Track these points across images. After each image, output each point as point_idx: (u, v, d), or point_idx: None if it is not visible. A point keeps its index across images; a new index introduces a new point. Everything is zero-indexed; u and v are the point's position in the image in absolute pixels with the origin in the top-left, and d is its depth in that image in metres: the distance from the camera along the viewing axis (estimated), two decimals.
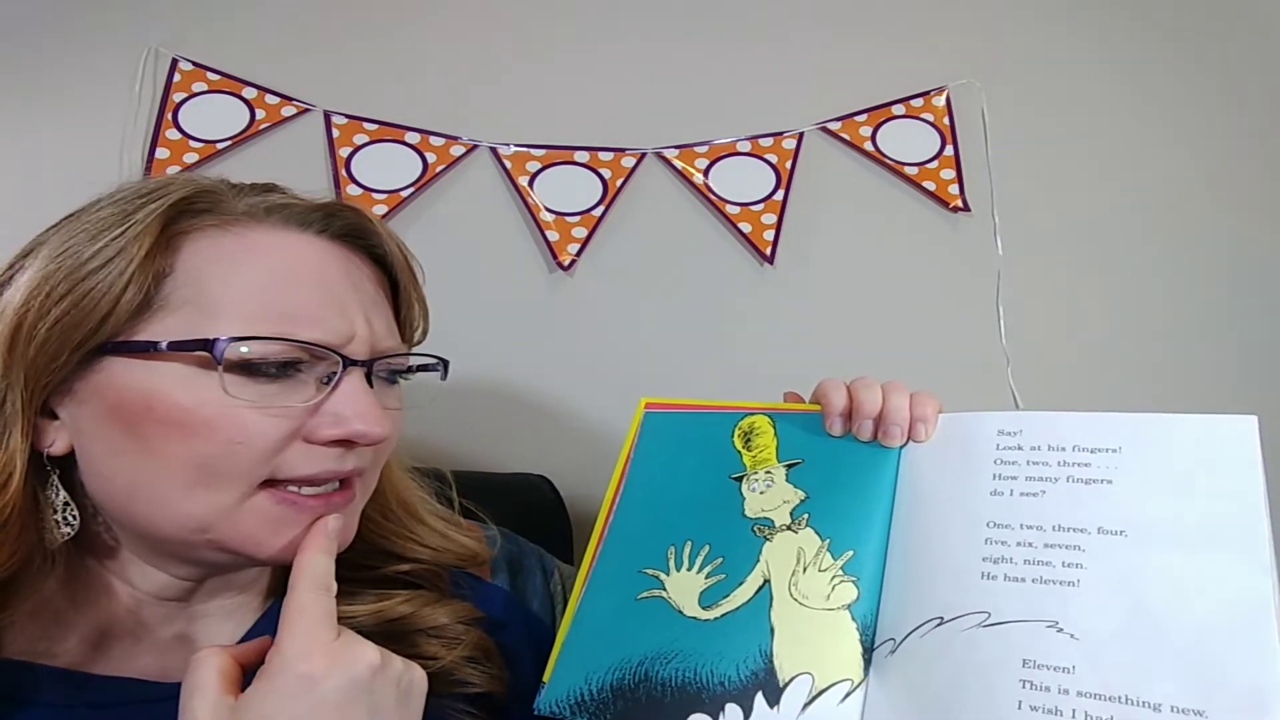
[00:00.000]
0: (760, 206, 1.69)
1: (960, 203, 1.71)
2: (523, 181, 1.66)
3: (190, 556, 0.75)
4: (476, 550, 0.94)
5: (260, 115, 1.62)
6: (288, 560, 0.73)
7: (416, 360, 0.84)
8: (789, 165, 1.72)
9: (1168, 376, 1.71)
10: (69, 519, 0.72)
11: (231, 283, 0.71)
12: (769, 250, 1.67)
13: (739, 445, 0.93)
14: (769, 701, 0.74)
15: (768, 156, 1.72)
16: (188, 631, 0.79)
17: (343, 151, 1.63)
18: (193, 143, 1.58)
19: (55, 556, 0.72)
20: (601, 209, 1.66)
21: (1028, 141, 1.77)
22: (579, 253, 1.64)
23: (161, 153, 1.57)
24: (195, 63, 1.63)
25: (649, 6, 1.77)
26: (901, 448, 0.86)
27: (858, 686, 0.75)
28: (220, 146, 1.59)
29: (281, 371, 0.71)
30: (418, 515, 0.91)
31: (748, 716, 0.74)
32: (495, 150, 1.67)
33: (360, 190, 1.60)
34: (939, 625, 0.74)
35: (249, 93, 1.64)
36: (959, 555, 0.77)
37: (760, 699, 0.75)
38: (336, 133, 1.63)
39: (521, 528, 1.09)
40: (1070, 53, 1.82)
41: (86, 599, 0.76)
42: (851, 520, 0.83)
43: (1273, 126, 1.80)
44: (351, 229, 0.80)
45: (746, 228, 1.68)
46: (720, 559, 0.84)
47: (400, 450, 0.91)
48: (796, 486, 0.87)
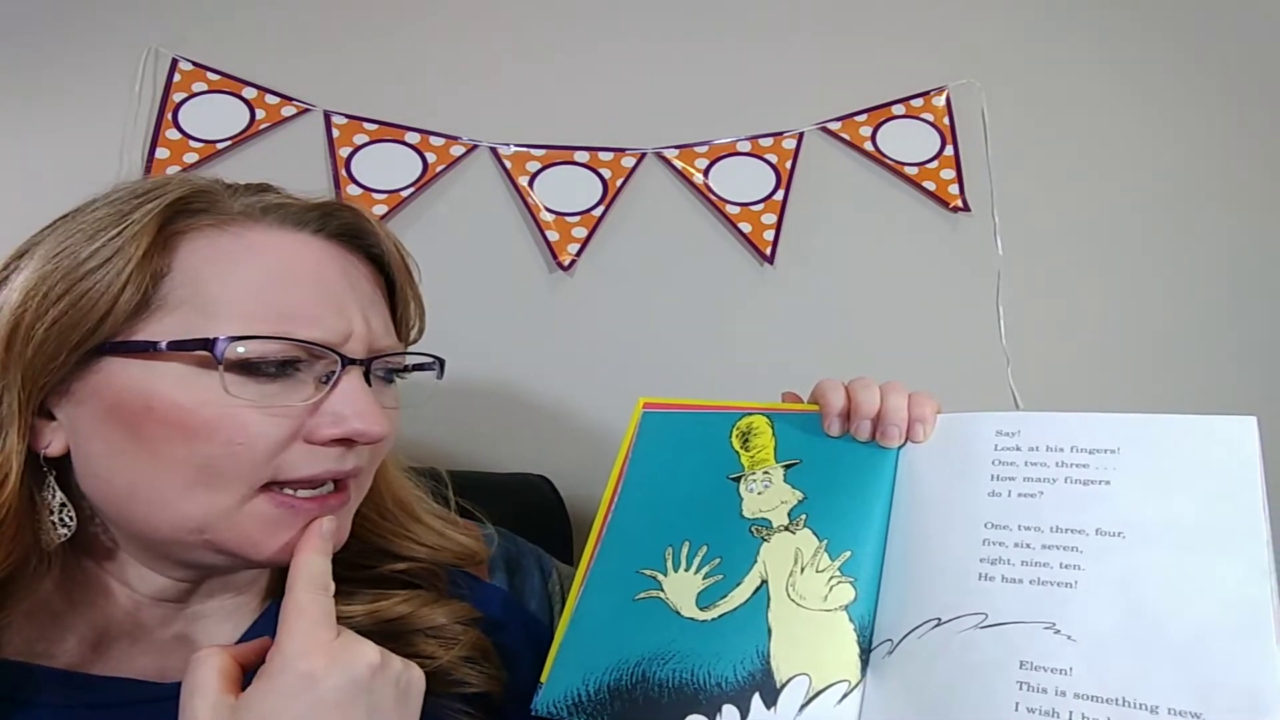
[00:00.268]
0: (760, 206, 1.69)
1: (960, 203, 1.71)
2: (523, 181, 1.66)
3: (186, 558, 0.75)
4: (474, 549, 0.94)
5: (260, 115, 1.62)
6: (283, 562, 0.73)
7: (413, 359, 0.84)
8: (789, 165, 1.72)
9: (1167, 376, 1.71)
10: (66, 520, 0.72)
11: (229, 282, 0.71)
12: (769, 250, 1.67)
13: (737, 445, 0.92)
14: (766, 702, 0.74)
15: (768, 156, 1.72)
16: (186, 632, 0.79)
17: (343, 151, 1.63)
18: (193, 143, 1.58)
19: (51, 558, 0.72)
20: (601, 209, 1.66)
21: (1028, 141, 1.77)
22: (579, 253, 1.64)
23: (161, 153, 1.57)
24: (195, 63, 1.63)
25: (649, 6, 1.77)
26: (899, 448, 0.86)
27: (855, 687, 0.75)
28: (220, 146, 1.59)
29: (280, 371, 0.71)
30: (414, 514, 0.91)
31: (745, 717, 0.74)
32: (495, 150, 1.67)
33: (360, 190, 1.60)
34: (936, 626, 0.73)
35: (249, 93, 1.64)
36: (956, 556, 0.76)
37: (757, 700, 0.75)
38: (336, 133, 1.63)
39: (521, 528, 1.09)
40: (1070, 53, 1.82)
41: (84, 600, 0.76)
42: (849, 521, 0.83)
43: (1272, 126, 1.80)
44: (348, 228, 0.80)
45: (746, 228, 1.68)
46: (718, 559, 0.84)
47: (399, 450, 0.91)
48: (794, 487, 0.87)
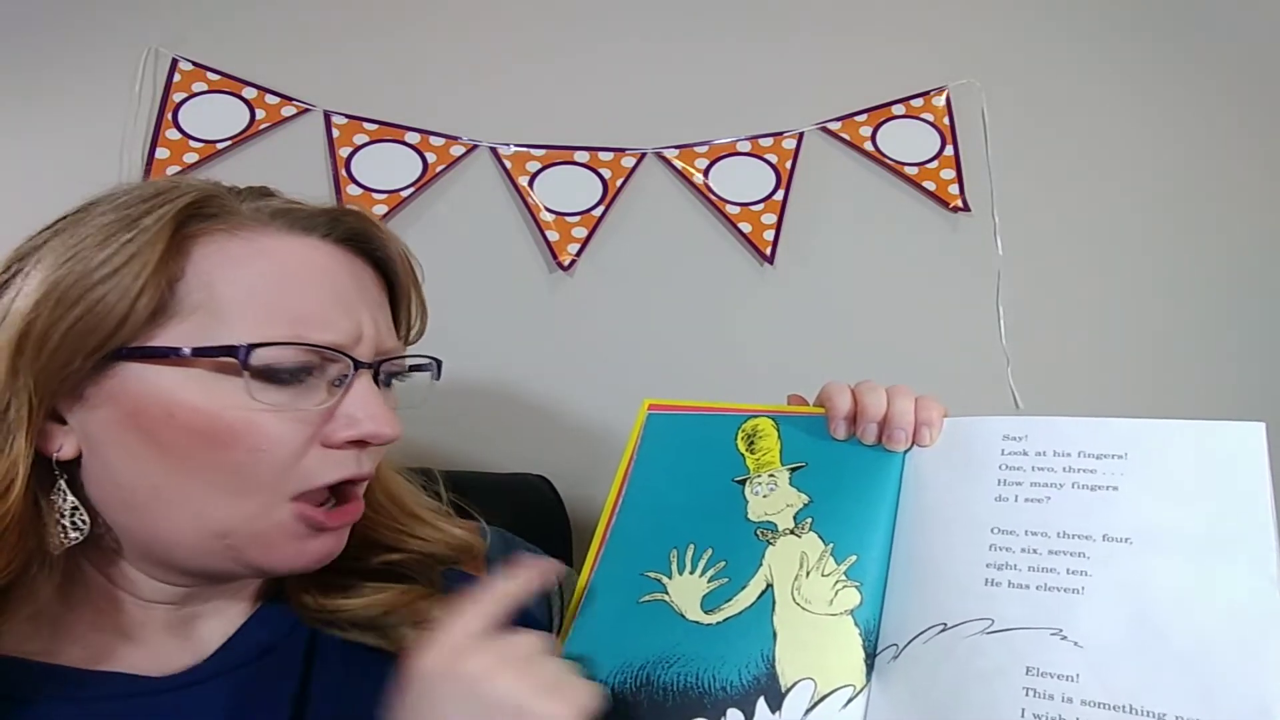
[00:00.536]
0: (760, 206, 1.69)
1: (960, 203, 1.72)
2: (523, 181, 1.66)
3: (198, 565, 0.75)
4: (470, 542, 0.94)
5: (260, 115, 1.62)
6: (297, 569, 0.76)
7: (411, 360, 0.85)
8: (789, 165, 1.72)
9: (1167, 376, 1.71)
10: (79, 524, 0.72)
11: (243, 286, 0.72)
12: (769, 250, 1.67)
13: (742, 448, 0.92)
14: (771, 707, 0.74)
15: (768, 156, 1.72)
16: (181, 629, 0.79)
17: (343, 151, 1.62)
18: (193, 143, 1.58)
19: (54, 563, 0.71)
20: (601, 209, 1.66)
21: (1028, 141, 1.78)
22: (579, 253, 1.64)
23: (161, 153, 1.57)
24: (195, 63, 1.63)
25: (649, 6, 1.77)
26: (905, 452, 0.86)
27: (860, 692, 0.74)
28: (220, 146, 1.59)
29: (294, 376, 0.72)
30: (407, 508, 0.91)
31: None
32: (495, 150, 1.67)
33: (360, 190, 1.60)
34: (942, 631, 0.73)
35: (249, 93, 1.63)
36: (963, 561, 0.76)
37: (762, 704, 0.74)
38: (336, 133, 1.63)
39: (521, 528, 1.09)
40: (1070, 53, 1.82)
41: (83, 602, 0.76)
42: (855, 525, 0.82)
43: (1272, 126, 1.80)
44: (354, 233, 0.81)
45: (746, 228, 1.68)
46: (723, 563, 0.84)
47: (397, 450, 0.91)
48: (800, 490, 0.86)
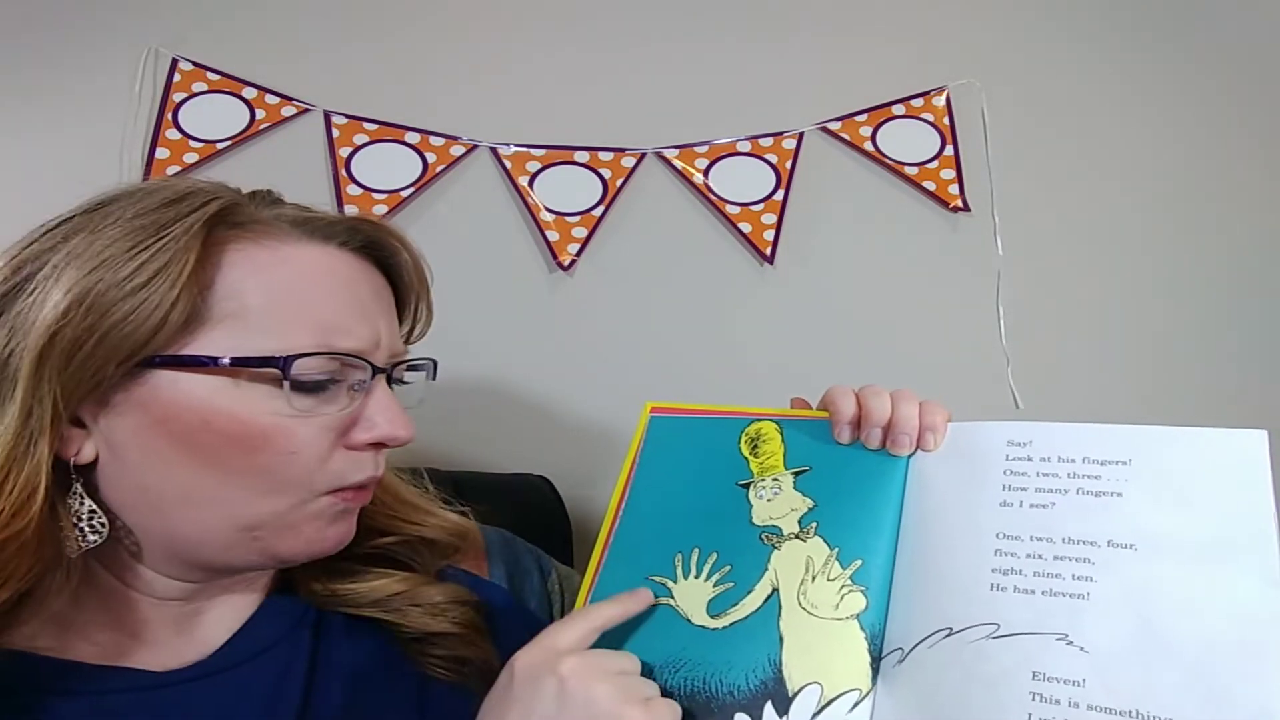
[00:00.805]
0: (760, 206, 1.69)
1: (960, 203, 1.72)
2: (523, 181, 1.66)
3: (219, 559, 0.77)
4: (464, 525, 0.95)
5: (260, 115, 1.62)
6: (315, 555, 0.79)
7: (410, 361, 0.87)
8: (789, 165, 1.72)
9: (1167, 376, 1.71)
10: (97, 527, 0.72)
11: (271, 295, 0.73)
12: (769, 250, 1.67)
13: (746, 451, 0.92)
14: (779, 711, 0.74)
15: (768, 156, 1.72)
16: (187, 625, 0.80)
17: (343, 151, 1.62)
18: (193, 143, 1.58)
19: (71, 565, 0.72)
20: (601, 209, 1.66)
21: (1028, 141, 1.78)
22: (579, 253, 1.64)
23: (161, 153, 1.56)
24: (195, 63, 1.62)
25: (649, 6, 1.77)
26: (909, 457, 0.86)
27: (866, 696, 0.75)
28: (220, 146, 1.59)
29: (321, 384, 0.74)
30: (399, 495, 0.93)
31: None
32: (495, 150, 1.67)
33: (360, 190, 1.60)
34: (948, 636, 0.73)
35: (249, 93, 1.63)
36: (968, 566, 0.76)
37: (769, 708, 0.75)
38: (336, 133, 1.63)
39: (521, 528, 1.09)
40: (1070, 53, 1.82)
41: (92, 602, 0.76)
42: (860, 529, 0.82)
43: (1272, 126, 1.81)
44: (370, 242, 0.83)
45: (746, 228, 1.68)
46: (728, 567, 0.84)
47: (399, 449, 0.92)
48: (804, 494, 0.86)
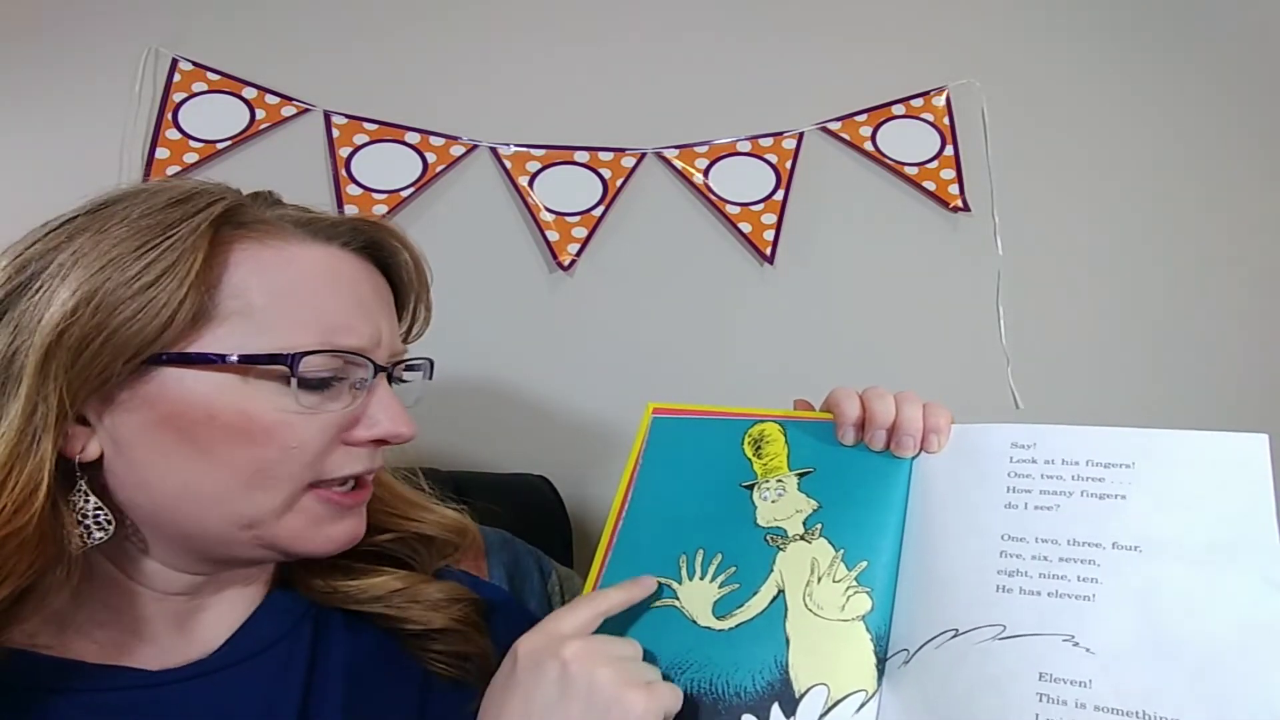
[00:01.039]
0: (760, 206, 1.69)
1: (960, 203, 1.72)
2: (523, 181, 1.66)
3: (227, 553, 0.78)
4: (462, 521, 0.95)
5: (260, 115, 1.62)
6: (325, 553, 0.79)
7: (408, 360, 0.87)
8: (789, 165, 1.72)
9: (1167, 376, 1.72)
10: (103, 523, 0.73)
11: (275, 294, 0.74)
12: (769, 250, 1.67)
13: (749, 453, 0.91)
14: (785, 712, 0.74)
15: (768, 156, 1.72)
16: (188, 623, 0.80)
17: (343, 151, 1.62)
18: (193, 143, 1.58)
19: (73, 562, 0.72)
20: (601, 209, 1.66)
21: (1028, 141, 1.78)
22: (579, 253, 1.64)
23: (161, 153, 1.56)
24: (195, 63, 1.62)
25: (649, 6, 1.77)
26: (913, 459, 0.86)
27: (871, 697, 0.75)
28: (220, 146, 1.59)
29: (325, 381, 0.75)
30: (397, 492, 0.93)
31: None
32: (495, 150, 1.67)
33: (360, 190, 1.60)
34: (954, 637, 0.74)
35: (249, 93, 1.63)
36: (973, 568, 0.77)
37: (777, 710, 0.75)
38: (336, 133, 1.63)
39: (521, 528, 1.09)
40: (1070, 53, 1.82)
41: (93, 598, 0.76)
42: (865, 531, 0.83)
43: (1272, 126, 1.81)
44: (371, 242, 0.84)
45: (746, 228, 1.68)
46: (733, 568, 0.84)
47: (398, 448, 0.92)
48: (809, 496, 0.86)
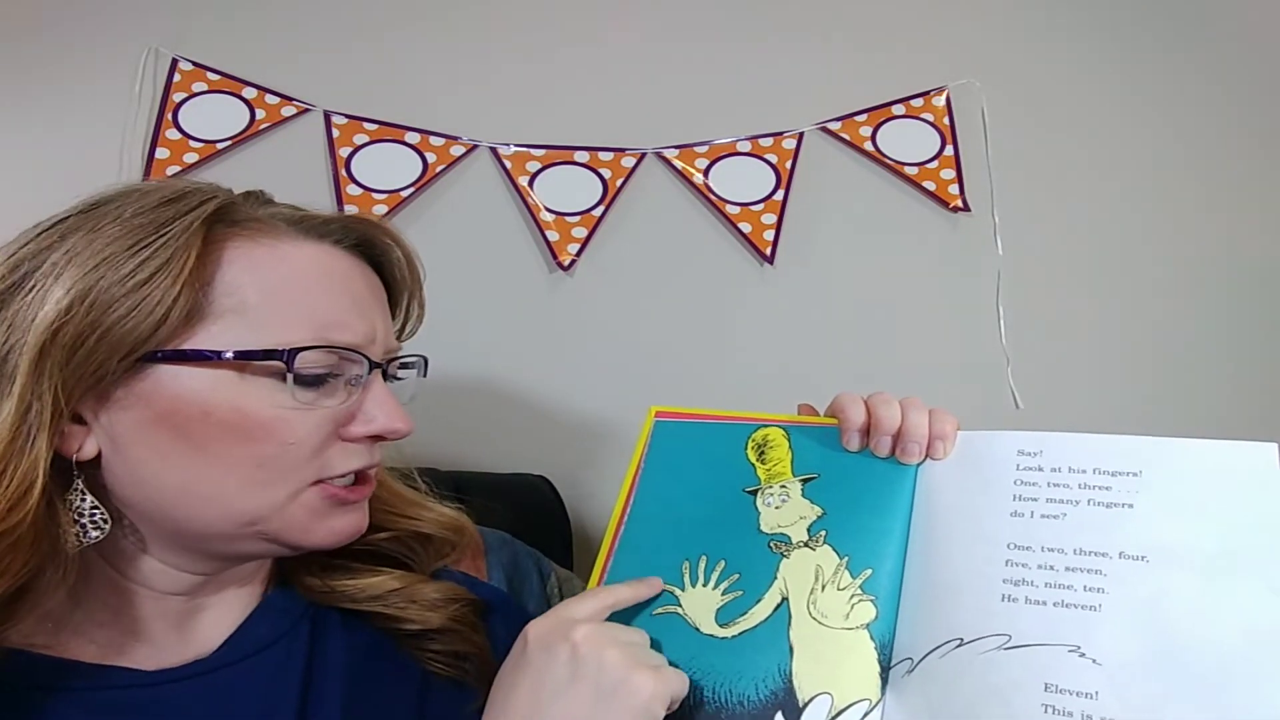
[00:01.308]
0: (760, 206, 1.69)
1: (960, 203, 1.72)
2: (523, 181, 1.66)
3: (230, 550, 0.78)
4: (459, 520, 0.95)
5: (260, 115, 1.61)
6: (328, 545, 0.79)
7: (402, 358, 0.87)
8: (789, 165, 1.72)
9: (1167, 376, 1.72)
10: (100, 523, 0.72)
11: (269, 291, 0.74)
12: (769, 250, 1.67)
13: (752, 458, 0.91)
14: None
15: (768, 156, 1.72)
16: (186, 623, 0.80)
17: (343, 151, 1.62)
18: (193, 143, 1.57)
19: (69, 564, 0.72)
20: (601, 209, 1.66)
21: (1028, 141, 1.78)
22: (579, 253, 1.64)
23: (161, 153, 1.56)
24: (195, 63, 1.62)
25: (649, 6, 1.77)
26: (918, 465, 0.85)
27: (875, 706, 0.75)
28: (220, 146, 1.58)
29: (321, 377, 0.75)
30: (394, 490, 0.93)
31: None
32: (495, 150, 1.67)
33: (360, 190, 1.60)
34: (959, 646, 0.74)
35: (249, 93, 1.63)
36: (979, 576, 0.76)
37: (780, 719, 0.75)
38: (336, 133, 1.63)
39: (521, 528, 1.09)
40: (1070, 53, 1.82)
41: (90, 598, 0.76)
42: (870, 538, 0.82)
43: (1272, 126, 1.81)
44: (363, 239, 0.84)
45: (746, 228, 1.68)
46: (736, 575, 0.83)
47: (397, 448, 0.93)
48: (813, 502, 0.86)
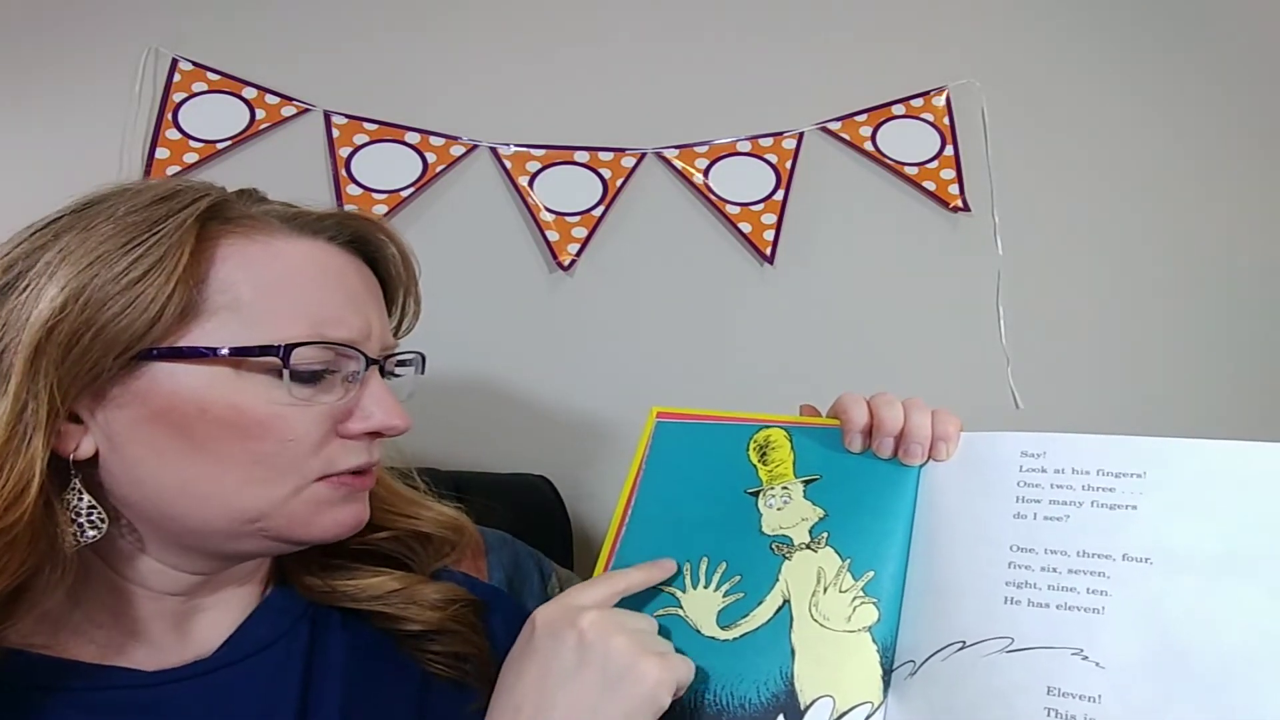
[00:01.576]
0: (760, 206, 1.69)
1: (960, 203, 1.72)
2: (523, 181, 1.65)
3: (230, 548, 0.77)
4: (458, 519, 0.95)
5: (260, 115, 1.61)
6: (332, 537, 0.79)
7: (399, 355, 0.87)
8: (789, 165, 1.71)
9: (1167, 376, 1.72)
10: (96, 522, 0.72)
11: (264, 288, 0.74)
12: (769, 250, 1.67)
13: (754, 459, 0.90)
14: None
15: (768, 156, 1.72)
16: (185, 624, 0.80)
17: (343, 151, 1.62)
18: (193, 143, 1.57)
19: (67, 562, 0.71)
20: (601, 209, 1.66)
21: (1028, 141, 1.77)
22: (579, 253, 1.64)
23: (161, 153, 1.56)
24: (195, 63, 1.61)
25: (649, 6, 1.76)
26: (921, 466, 0.85)
27: (877, 709, 0.75)
28: (220, 146, 1.58)
29: (317, 374, 0.75)
30: (393, 489, 0.93)
31: None
32: (495, 150, 1.67)
33: (360, 190, 1.60)
34: (961, 649, 0.73)
35: (249, 93, 1.62)
36: (981, 578, 0.76)
37: None
38: (336, 133, 1.62)
39: (521, 528, 1.09)
40: (1070, 53, 1.82)
41: (88, 599, 0.76)
42: (872, 540, 0.82)
43: (1272, 126, 1.81)
44: (357, 236, 0.84)
45: (746, 228, 1.67)
46: (738, 577, 0.83)
47: (397, 448, 0.93)
48: (815, 503, 0.85)
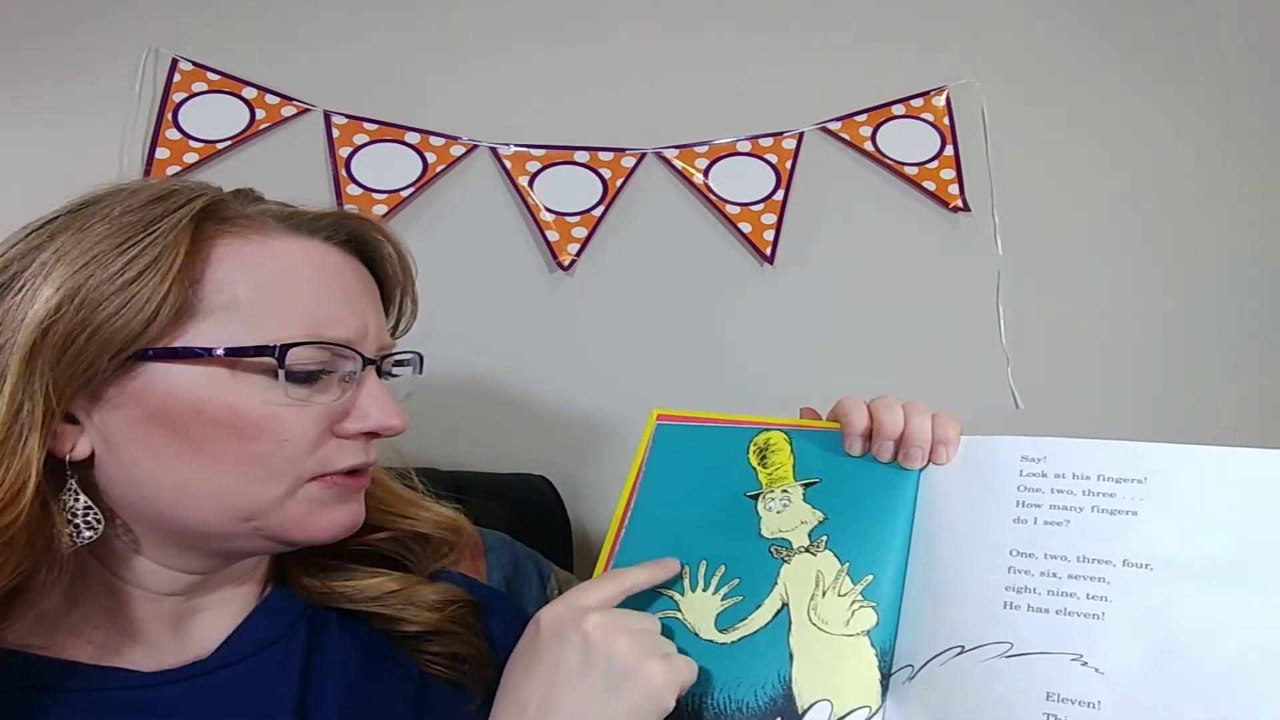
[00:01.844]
0: (760, 206, 1.69)
1: (960, 203, 1.71)
2: (523, 181, 1.65)
3: (225, 547, 0.78)
4: (456, 519, 0.95)
5: (260, 115, 1.61)
6: (328, 538, 0.79)
7: (397, 355, 0.87)
8: (789, 165, 1.71)
9: (1167, 376, 1.72)
10: (92, 523, 0.72)
11: (260, 288, 0.74)
12: (769, 250, 1.67)
13: (754, 461, 0.90)
14: None
15: (768, 156, 1.72)
16: (183, 624, 0.80)
17: (343, 151, 1.62)
18: (193, 143, 1.57)
19: (64, 563, 0.71)
20: (601, 209, 1.66)
21: (1028, 141, 1.77)
22: (579, 253, 1.64)
23: (161, 153, 1.56)
24: (195, 63, 1.61)
25: (649, 6, 1.76)
26: (921, 470, 0.85)
27: (876, 713, 0.75)
28: (220, 146, 1.58)
29: (313, 373, 0.75)
30: (391, 490, 0.93)
31: None
32: (495, 150, 1.66)
33: (360, 190, 1.60)
34: (960, 653, 0.73)
35: (249, 93, 1.62)
36: (981, 583, 0.76)
37: None
38: (336, 133, 1.62)
39: (521, 528, 1.08)
40: (1070, 53, 1.82)
41: (86, 599, 0.76)
42: (871, 543, 0.82)
43: (1272, 126, 1.81)
44: (354, 235, 0.84)
45: (746, 228, 1.67)
46: (737, 580, 0.83)
47: (397, 448, 0.93)
48: (814, 507, 0.85)
